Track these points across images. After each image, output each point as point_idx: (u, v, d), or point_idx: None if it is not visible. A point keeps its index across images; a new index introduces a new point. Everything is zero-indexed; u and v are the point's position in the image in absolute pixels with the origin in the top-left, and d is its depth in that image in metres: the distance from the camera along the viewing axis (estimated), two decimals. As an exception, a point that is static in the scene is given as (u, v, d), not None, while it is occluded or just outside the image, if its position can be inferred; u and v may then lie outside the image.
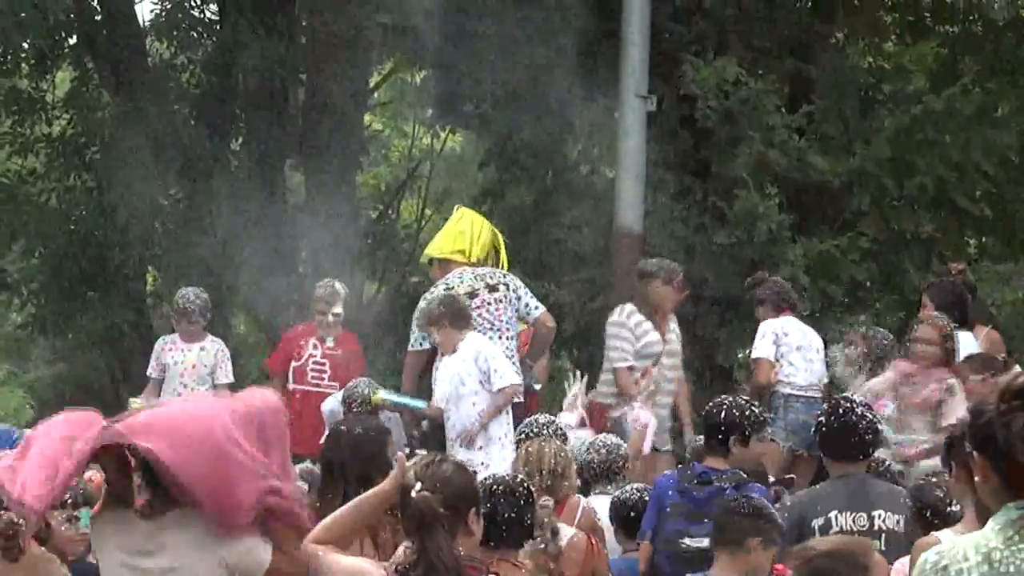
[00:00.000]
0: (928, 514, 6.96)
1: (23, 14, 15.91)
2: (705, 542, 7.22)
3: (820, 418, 7.62)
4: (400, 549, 5.09)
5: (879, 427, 7.78)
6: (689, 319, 13.78)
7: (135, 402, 11.46)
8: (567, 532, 7.18)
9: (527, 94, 15.24)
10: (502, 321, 10.63)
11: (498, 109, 15.41)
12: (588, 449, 8.95)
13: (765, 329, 11.12)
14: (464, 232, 11.06)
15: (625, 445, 9.19)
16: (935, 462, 8.27)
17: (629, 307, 11.05)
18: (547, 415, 8.82)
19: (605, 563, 7.52)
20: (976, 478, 3.93)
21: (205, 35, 17.88)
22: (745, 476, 7.81)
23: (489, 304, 10.62)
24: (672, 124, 15.07)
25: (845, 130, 14.88)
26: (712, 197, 14.76)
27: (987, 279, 13.94)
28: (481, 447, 10.04)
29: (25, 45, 16.74)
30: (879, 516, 7.27)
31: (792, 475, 9.87)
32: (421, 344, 10.81)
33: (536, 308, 10.79)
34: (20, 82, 17.40)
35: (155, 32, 17.91)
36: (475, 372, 10.29)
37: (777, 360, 11.01)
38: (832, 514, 7.29)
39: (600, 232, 14.53)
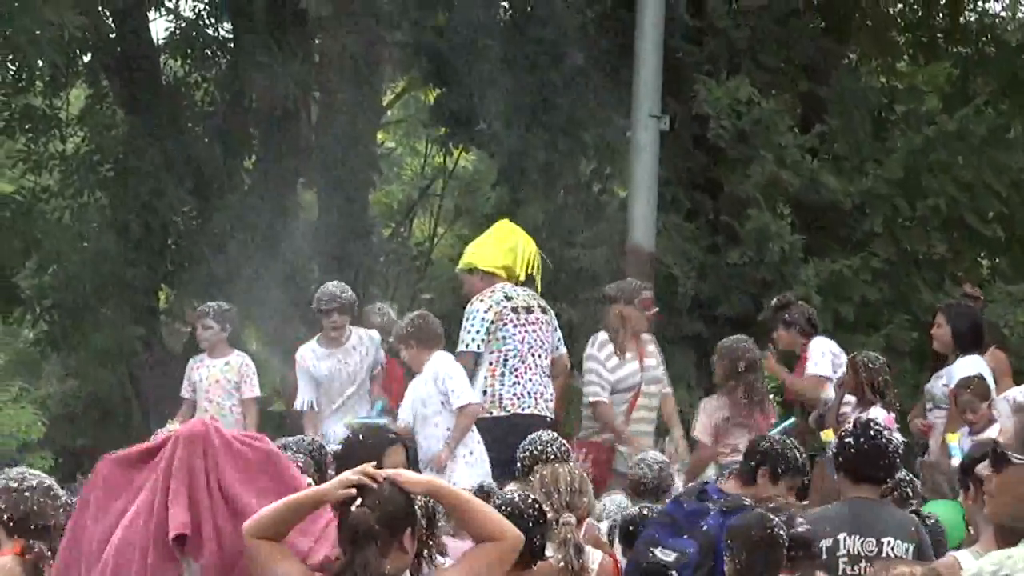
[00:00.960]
0: None
1: (38, 31, 15.95)
2: (673, 557, 7.22)
3: (847, 439, 7.50)
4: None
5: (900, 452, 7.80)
6: (701, 338, 13.79)
7: (172, 424, 11.61)
8: (595, 555, 7.18)
9: (540, 113, 15.26)
10: (548, 342, 10.87)
11: (511, 128, 15.42)
12: (639, 464, 9.00)
13: (824, 348, 11.17)
14: (515, 251, 11.14)
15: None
16: None
17: (601, 337, 11.16)
18: (551, 432, 8.79)
19: None
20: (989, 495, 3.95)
21: (219, 53, 17.93)
22: (743, 503, 7.75)
23: (541, 324, 10.84)
24: (685, 143, 15.08)
25: (857, 150, 14.88)
26: (724, 216, 14.76)
27: (999, 300, 13.90)
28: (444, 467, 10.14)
29: (40, 62, 16.77)
30: (888, 543, 7.21)
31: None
32: (478, 347, 10.83)
33: (561, 348, 11.06)
34: (34, 99, 17.44)
35: (169, 50, 17.96)
36: (435, 393, 10.41)
37: (830, 379, 11.13)
38: (841, 536, 7.24)
39: (612, 251, 14.53)
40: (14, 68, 16.74)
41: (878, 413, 10.40)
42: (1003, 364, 11.17)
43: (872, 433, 7.48)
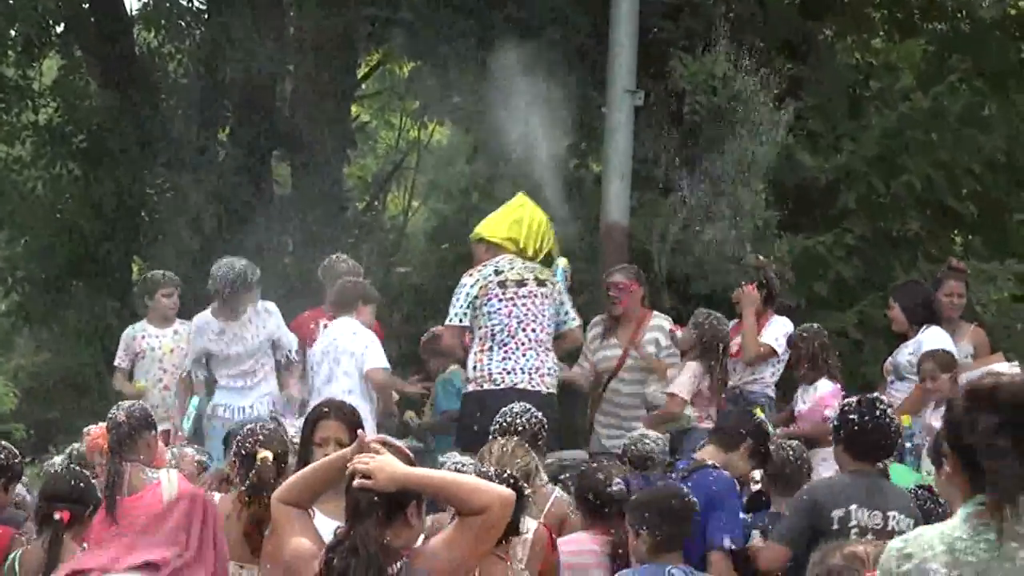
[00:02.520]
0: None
1: (10, 1, 15.89)
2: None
3: (850, 415, 7.51)
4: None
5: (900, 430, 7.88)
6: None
7: (140, 383, 11.73)
8: (531, 524, 7.19)
9: (514, 88, 15.22)
10: (544, 316, 10.65)
11: (485, 103, 15.39)
12: (642, 440, 9.08)
13: (788, 329, 11.19)
14: (521, 222, 11.05)
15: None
16: None
17: (595, 319, 11.46)
18: (523, 405, 8.79)
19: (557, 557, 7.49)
20: (947, 470, 4.03)
21: (193, 25, 17.86)
22: (706, 464, 7.81)
23: (535, 296, 10.67)
24: (660, 120, 15.05)
25: (833, 127, 14.89)
26: (699, 192, 14.75)
27: (973, 278, 13.93)
28: None
29: (12, 32, 16.71)
30: (893, 517, 7.24)
31: None
32: (460, 320, 10.83)
33: (573, 320, 10.87)
34: (7, 70, 17.38)
35: (143, 21, 17.89)
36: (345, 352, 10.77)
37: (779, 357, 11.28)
38: (852, 507, 7.25)
39: (587, 228, 14.53)
40: (-14, 38, 16.69)
41: (825, 385, 10.49)
42: (984, 343, 11.23)
43: (877, 411, 7.50)
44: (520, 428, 8.47)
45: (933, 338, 10.57)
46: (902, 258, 14.76)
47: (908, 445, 9.60)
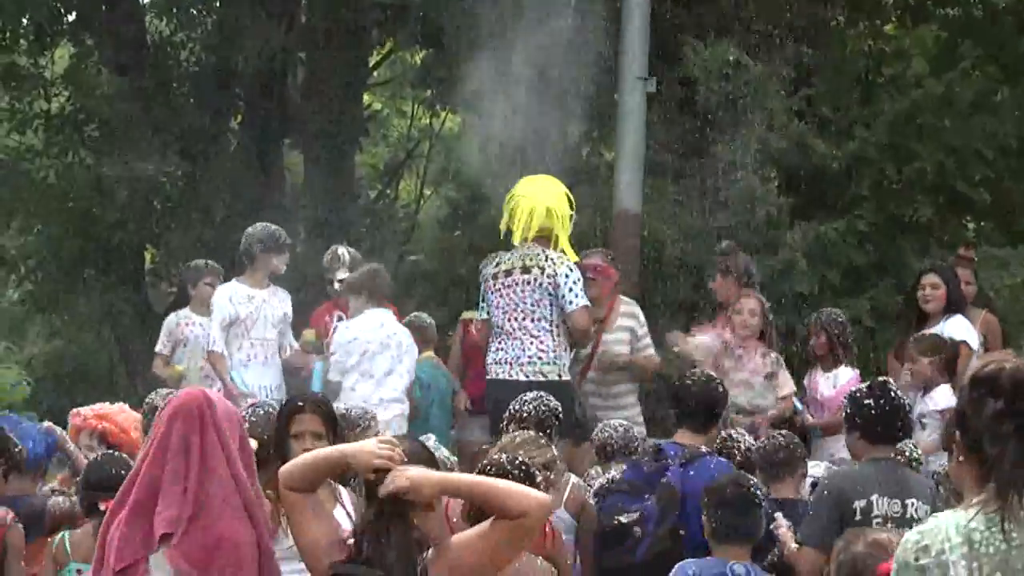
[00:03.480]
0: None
1: (22, -10, 15.92)
2: (634, 516, 7.25)
3: (865, 401, 7.46)
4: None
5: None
6: (688, 302, 13.80)
7: (178, 367, 11.72)
8: None
9: (526, 75, 15.21)
10: (526, 303, 10.47)
11: (497, 90, 15.38)
12: (602, 428, 9.13)
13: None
14: (510, 211, 10.88)
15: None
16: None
17: None
18: (536, 393, 8.76)
19: (560, 550, 7.42)
20: (958, 458, 4.01)
21: (205, 13, 17.86)
22: (702, 452, 7.79)
23: (516, 285, 10.54)
24: (672, 107, 15.06)
25: (844, 114, 14.87)
26: (711, 180, 14.75)
27: (985, 264, 13.91)
28: None
29: (24, 21, 16.72)
30: (912, 504, 7.20)
31: None
32: (482, 314, 10.88)
33: (571, 304, 10.43)
34: (19, 58, 17.39)
35: (154, 9, 17.90)
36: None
37: None
38: (874, 497, 7.20)
39: (599, 214, 14.52)
40: (-2, 26, 16.70)
41: (846, 373, 10.47)
42: (995, 329, 11.21)
43: (891, 394, 7.49)
44: (525, 415, 8.45)
45: (957, 326, 10.55)
46: (914, 245, 14.76)
47: None
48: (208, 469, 4.89)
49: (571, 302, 10.42)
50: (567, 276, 10.47)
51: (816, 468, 8.60)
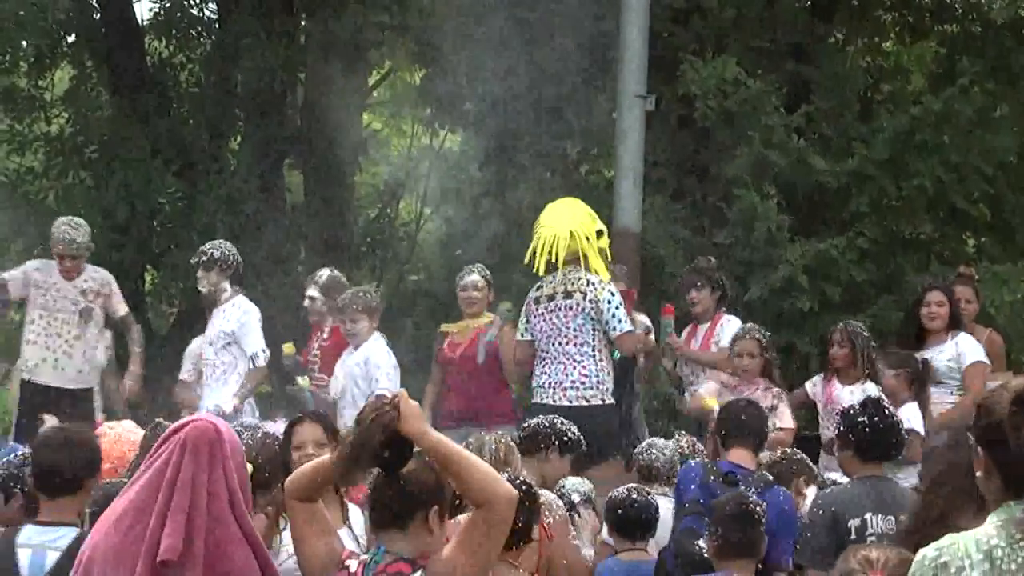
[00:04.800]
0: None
1: (22, 12, 15.90)
2: None
3: (858, 418, 7.45)
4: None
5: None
6: (688, 321, 13.79)
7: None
8: None
9: (526, 94, 15.23)
10: (569, 327, 10.54)
11: (497, 109, 15.40)
12: (648, 449, 9.00)
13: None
14: (538, 238, 10.82)
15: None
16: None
17: None
18: (544, 417, 8.71)
19: (562, 552, 7.42)
20: (978, 473, 3.95)
21: (204, 34, 17.89)
22: (771, 479, 7.75)
23: (560, 309, 10.60)
24: (671, 124, 15.08)
25: (844, 131, 14.87)
26: (711, 197, 14.76)
27: (985, 281, 13.90)
28: None
29: (24, 43, 16.73)
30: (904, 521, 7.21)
31: None
32: (523, 335, 10.89)
33: (615, 329, 10.52)
34: (19, 80, 17.39)
35: (153, 31, 17.91)
36: (365, 376, 10.81)
37: None
38: (867, 515, 7.22)
39: (598, 232, 14.52)
40: (-2, 49, 16.71)
41: (872, 388, 10.40)
42: (997, 348, 11.20)
43: (885, 411, 7.49)
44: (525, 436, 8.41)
45: (969, 344, 10.57)
46: (914, 261, 14.74)
47: None
48: (213, 511, 4.85)
49: (615, 328, 10.51)
50: (609, 302, 10.54)
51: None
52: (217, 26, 17.81)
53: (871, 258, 14.35)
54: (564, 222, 10.82)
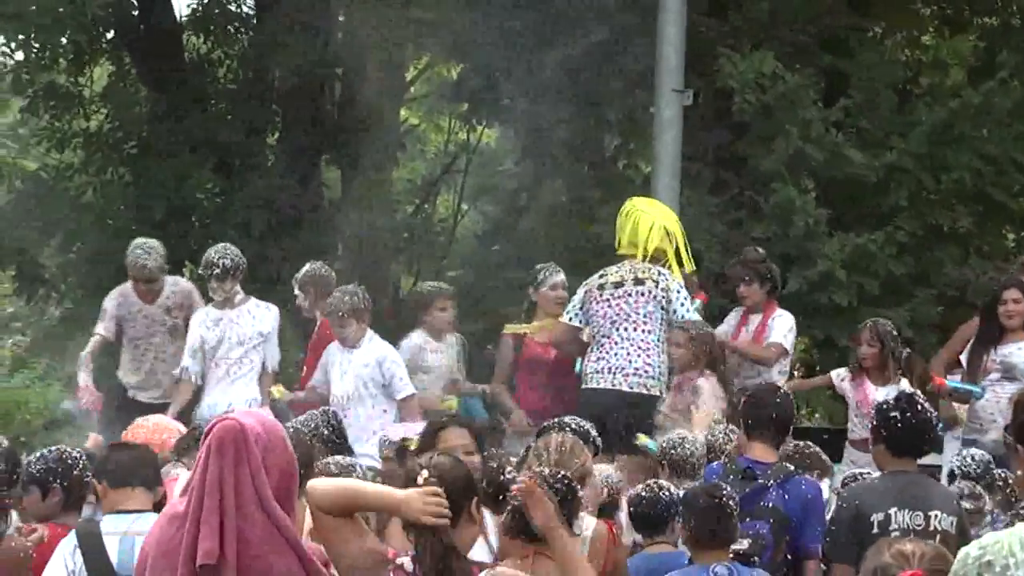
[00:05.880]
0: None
1: (61, 9, 15.97)
2: (747, 544, 7.13)
3: (892, 412, 7.43)
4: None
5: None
6: (724, 315, 13.76)
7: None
8: (589, 521, 7.16)
9: (562, 89, 15.21)
10: (639, 313, 10.65)
11: (533, 104, 15.39)
12: (682, 443, 8.91)
13: (792, 324, 11.20)
14: (623, 229, 11.07)
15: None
16: None
17: None
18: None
19: (624, 553, 7.50)
20: (1018, 472, 3.93)
21: (242, 30, 17.93)
22: (792, 469, 7.73)
23: (630, 295, 10.71)
24: (708, 118, 15.04)
25: (882, 124, 14.81)
26: (748, 191, 14.72)
27: (1024, 274, 13.83)
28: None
29: (63, 40, 16.80)
30: (935, 516, 7.16)
31: None
32: (570, 319, 11.01)
33: (683, 317, 10.65)
34: (58, 77, 17.47)
35: (191, 27, 17.97)
36: (378, 376, 10.93)
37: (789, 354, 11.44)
38: (892, 510, 7.19)
39: (635, 227, 14.49)
40: (37, 46, 16.77)
41: (907, 386, 10.35)
42: None
43: (918, 407, 7.45)
44: (566, 426, 8.39)
45: None
46: (953, 255, 14.68)
47: None
48: (242, 511, 4.82)
49: (683, 316, 10.65)
50: (678, 291, 10.75)
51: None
52: (255, 22, 17.84)
53: (909, 252, 14.30)
54: (661, 217, 11.12)
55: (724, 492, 7.07)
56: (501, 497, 7.07)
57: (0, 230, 16.62)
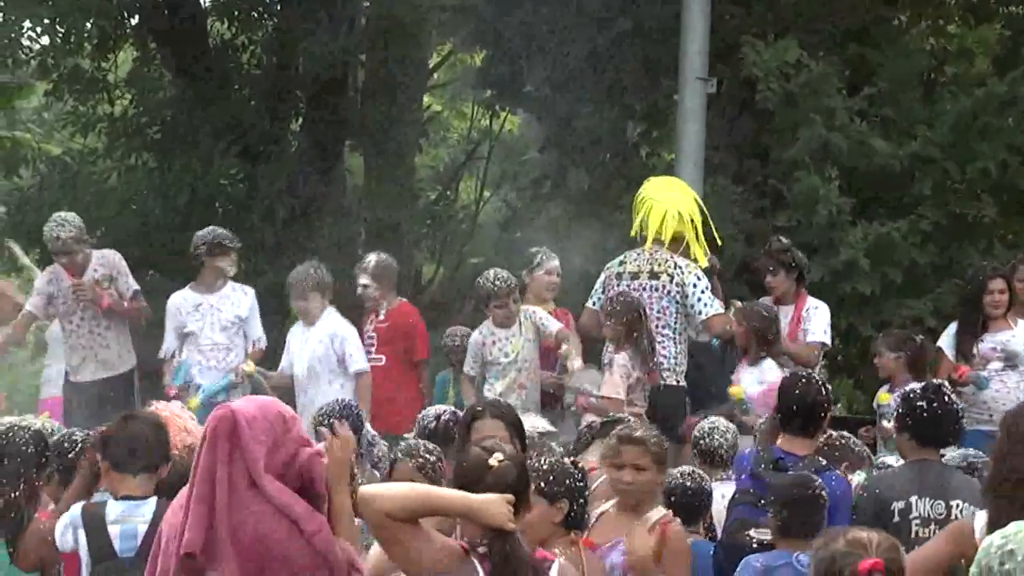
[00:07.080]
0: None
1: (86, -6, 16.03)
2: (767, 535, 7.08)
3: (918, 402, 7.41)
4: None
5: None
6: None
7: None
8: (660, 511, 6.94)
9: (586, 77, 15.20)
10: (652, 309, 10.57)
11: (557, 92, 15.38)
12: (711, 433, 8.84)
13: (827, 316, 11.12)
14: (637, 214, 11.02)
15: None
16: None
17: None
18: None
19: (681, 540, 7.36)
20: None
21: (266, 16, 17.95)
22: (823, 464, 7.66)
23: (644, 290, 10.67)
24: (732, 107, 15.01)
25: (906, 113, 14.77)
26: (772, 180, 14.69)
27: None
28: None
29: (88, 25, 16.84)
30: (957, 505, 7.16)
31: None
32: (593, 304, 10.99)
33: (701, 313, 10.62)
34: (83, 62, 17.51)
35: (216, 13, 17.99)
36: (331, 353, 11.08)
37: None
38: (912, 499, 7.20)
39: (659, 215, 14.47)
40: (62, 30, 16.81)
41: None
42: None
43: (944, 397, 7.44)
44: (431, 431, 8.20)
45: None
46: (977, 244, 14.64)
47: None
48: (236, 494, 4.80)
49: (700, 311, 10.62)
50: (695, 285, 10.65)
51: None
52: (279, 8, 17.86)
53: (933, 241, 14.26)
54: (674, 201, 10.99)
55: (815, 484, 6.99)
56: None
57: (24, 213, 16.64)
